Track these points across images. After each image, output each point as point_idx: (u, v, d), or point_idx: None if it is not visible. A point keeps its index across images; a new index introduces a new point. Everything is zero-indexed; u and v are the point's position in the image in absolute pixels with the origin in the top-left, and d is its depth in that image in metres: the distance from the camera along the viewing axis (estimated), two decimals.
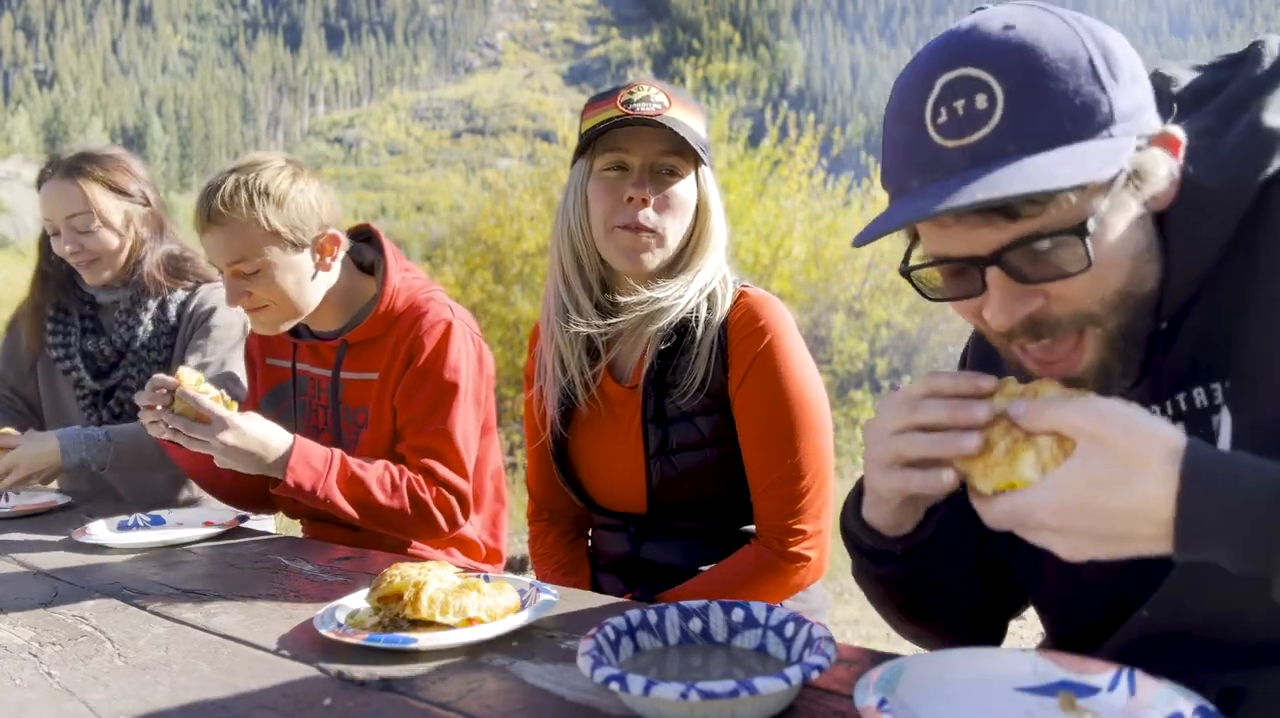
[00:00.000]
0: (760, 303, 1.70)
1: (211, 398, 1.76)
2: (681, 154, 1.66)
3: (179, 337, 2.47)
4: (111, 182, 2.40)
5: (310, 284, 1.96)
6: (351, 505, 1.82)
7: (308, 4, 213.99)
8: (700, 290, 1.70)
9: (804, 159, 13.28)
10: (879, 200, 14.02)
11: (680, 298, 1.68)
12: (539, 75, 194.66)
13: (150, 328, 2.47)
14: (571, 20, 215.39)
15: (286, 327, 1.99)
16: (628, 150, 1.65)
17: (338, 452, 1.85)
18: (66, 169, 2.38)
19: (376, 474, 1.85)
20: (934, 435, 0.92)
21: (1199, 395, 0.99)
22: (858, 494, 1.13)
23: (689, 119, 1.65)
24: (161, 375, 1.80)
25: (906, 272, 1.01)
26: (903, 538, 1.10)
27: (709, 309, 1.70)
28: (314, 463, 1.80)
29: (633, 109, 1.61)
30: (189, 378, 1.77)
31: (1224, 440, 0.95)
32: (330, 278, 2.00)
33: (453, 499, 1.90)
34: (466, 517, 1.94)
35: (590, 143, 1.67)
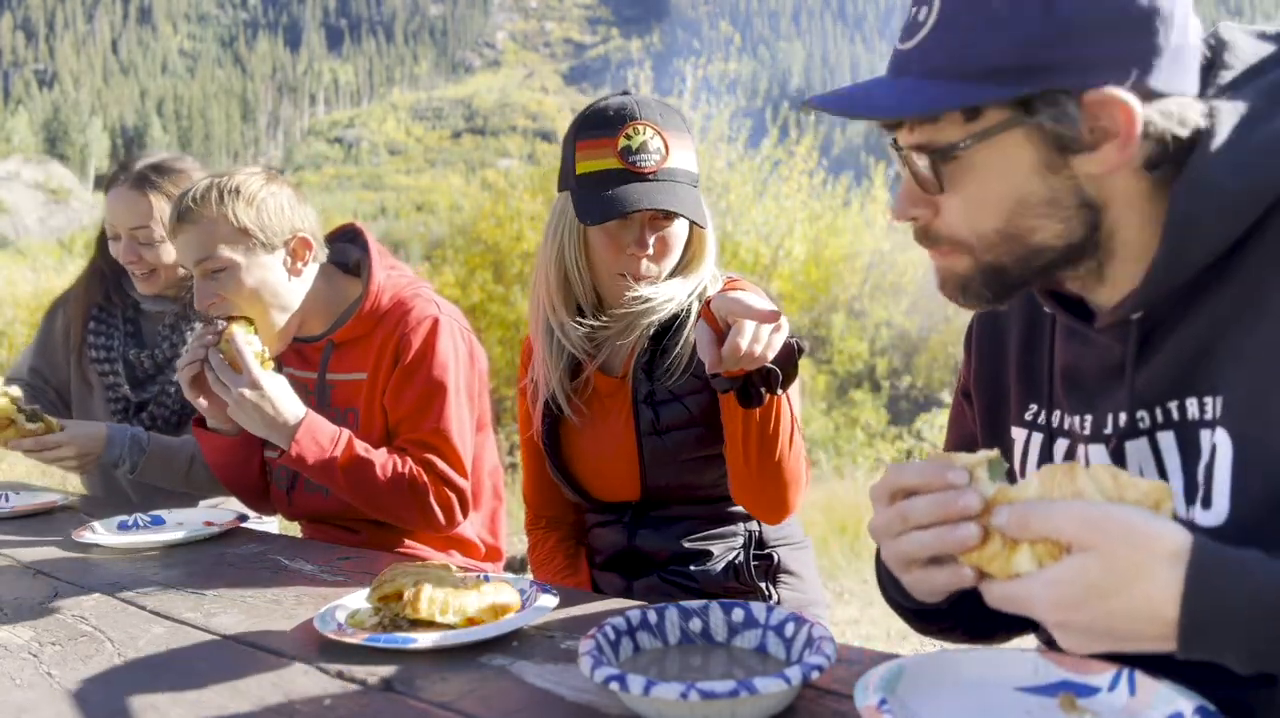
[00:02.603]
0: (735, 283, 1.78)
1: (255, 353, 1.80)
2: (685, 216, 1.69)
3: None
4: None
5: (284, 288, 1.94)
6: (351, 487, 1.83)
7: (308, 4, 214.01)
8: (690, 293, 1.77)
9: (804, 159, 13.28)
10: (879, 200, 14.03)
11: (670, 299, 1.74)
12: (539, 75, 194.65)
13: None
14: (571, 20, 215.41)
15: (279, 335, 1.96)
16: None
17: (346, 432, 1.86)
18: (137, 179, 2.36)
19: (380, 461, 1.85)
20: (933, 532, 0.89)
21: (1191, 406, 0.97)
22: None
23: (684, 159, 1.69)
24: (205, 327, 1.86)
25: (894, 144, 1.04)
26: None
27: (699, 300, 1.77)
28: (320, 439, 1.82)
29: (633, 163, 1.64)
30: (240, 333, 1.81)
31: (1223, 464, 0.93)
32: (304, 284, 1.98)
33: (452, 496, 1.89)
34: (465, 514, 1.93)
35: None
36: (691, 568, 1.76)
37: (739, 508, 1.79)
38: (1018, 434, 1.18)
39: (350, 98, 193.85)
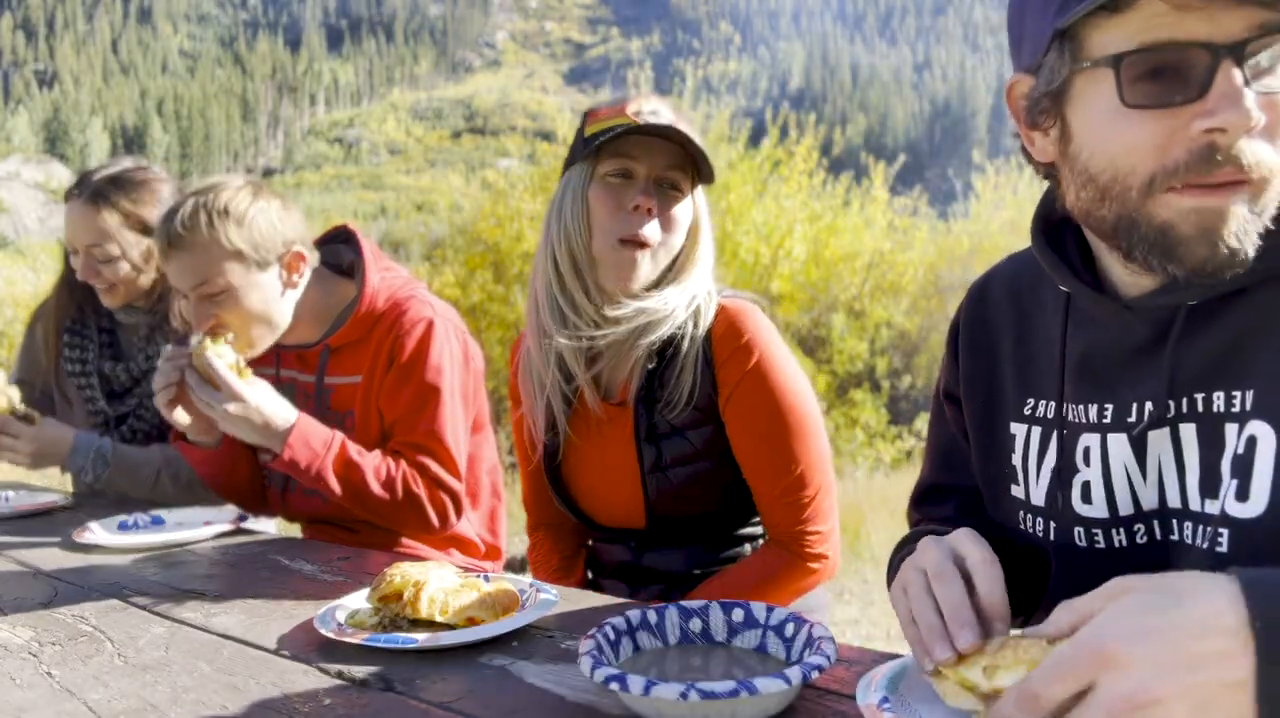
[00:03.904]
0: (741, 314, 1.68)
1: (229, 364, 1.79)
2: (684, 170, 1.66)
3: None
4: (137, 215, 2.31)
5: (279, 302, 1.94)
6: (343, 490, 1.83)
7: (308, 4, 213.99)
8: (688, 304, 1.68)
9: (804, 159, 13.29)
10: (879, 200, 14.03)
11: (671, 310, 1.66)
12: (539, 75, 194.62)
13: None
14: (571, 20, 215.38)
15: (261, 349, 1.97)
16: (635, 158, 1.63)
17: (339, 435, 1.86)
18: (92, 194, 2.29)
19: (373, 464, 1.85)
20: (922, 629, 0.91)
21: (1218, 399, 0.96)
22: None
23: (693, 133, 1.65)
24: (174, 348, 1.83)
25: (1118, 60, 0.90)
26: None
27: (694, 324, 1.69)
28: (312, 443, 1.82)
29: (643, 119, 1.61)
30: (210, 349, 1.80)
31: (1265, 455, 0.92)
32: (297, 295, 1.98)
33: (446, 498, 1.90)
34: (459, 515, 1.94)
35: (594, 149, 1.64)
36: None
37: (747, 531, 1.78)
38: (1017, 430, 1.17)
39: (350, 98, 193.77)
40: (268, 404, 1.80)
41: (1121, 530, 1.05)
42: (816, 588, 1.81)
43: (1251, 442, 0.92)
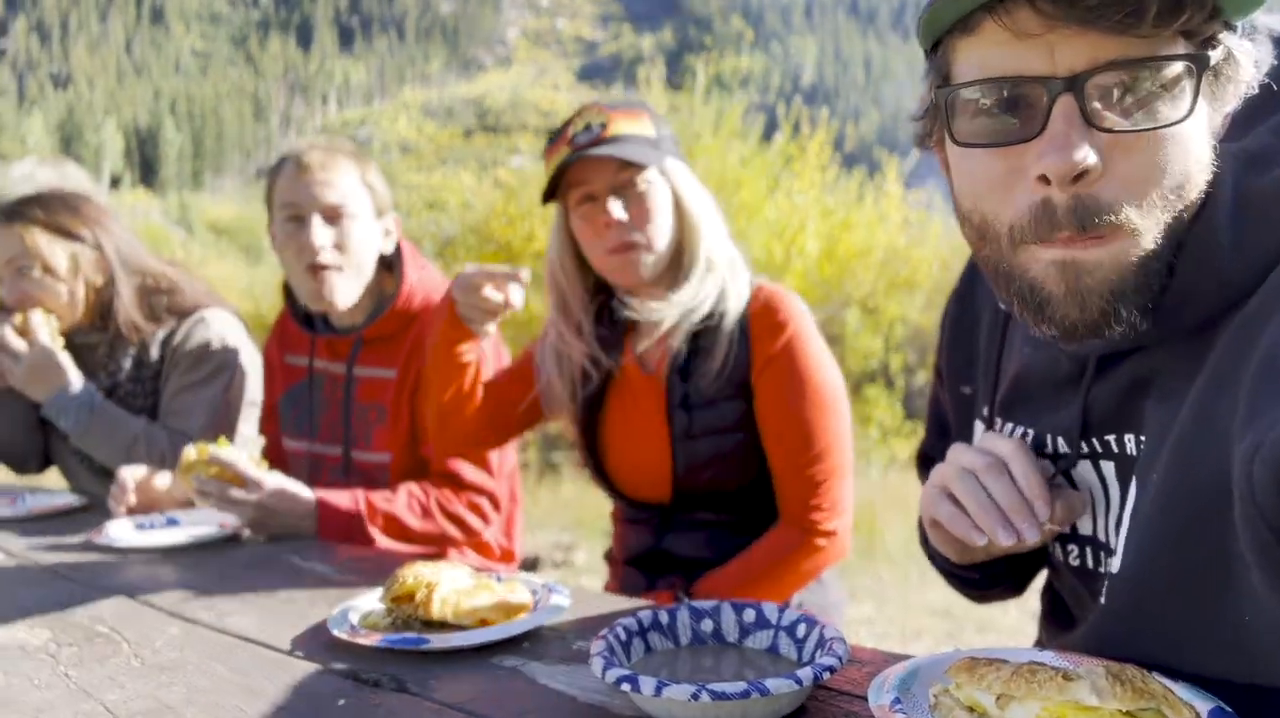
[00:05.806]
0: (778, 295, 1.76)
1: (248, 457, 1.81)
2: (637, 167, 1.70)
3: (161, 377, 2.36)
4: (54, 223, 2.26)
5: (373, 256, 2.04)
6: (390, 539, 1.87)
7: (319, 3, 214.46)
8: (717, 284, 1.75)
9: (817, 155, 13.23)
10: (892, 195, 13.97)
11: (703, 297, 1.74)
12: (551, 73, 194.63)
13: (132, 370, 2.36)
14: (583, 17, 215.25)
15: (348, 297, 2.00)
16: (588, 181, 1.70)
17: (360, 493, 1.87)
18: (6, 214, 2.26)
19: (405, 504, 1.88)
20: (985, 516, 0.93)
21: (1129, 442, 0.93)
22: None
23: (631, 127, 1.69)
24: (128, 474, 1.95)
25: (949, 95, 0.83)
26: (978, 564, 1.15)
27: (731, 300, 1.75)
28: (341, 503, 1.84)
29: (576, 143, 1.67)
30: (221, 450, 1.80)
31: (1129, 507, 0.92)
32: (375, 260, 2.07)
33: (483, 500, 1.94)
34: (499, 510, 1.99)
35: (557, 185, 1.73)
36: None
37: (768, 517, 1.79)
38: (979, 429, 1.17)
39: (362, 96, 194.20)
40: (292, 488, 1.82)
41: (1071, 548, 1.05)
42: (832, 582, 1.83)
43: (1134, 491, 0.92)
